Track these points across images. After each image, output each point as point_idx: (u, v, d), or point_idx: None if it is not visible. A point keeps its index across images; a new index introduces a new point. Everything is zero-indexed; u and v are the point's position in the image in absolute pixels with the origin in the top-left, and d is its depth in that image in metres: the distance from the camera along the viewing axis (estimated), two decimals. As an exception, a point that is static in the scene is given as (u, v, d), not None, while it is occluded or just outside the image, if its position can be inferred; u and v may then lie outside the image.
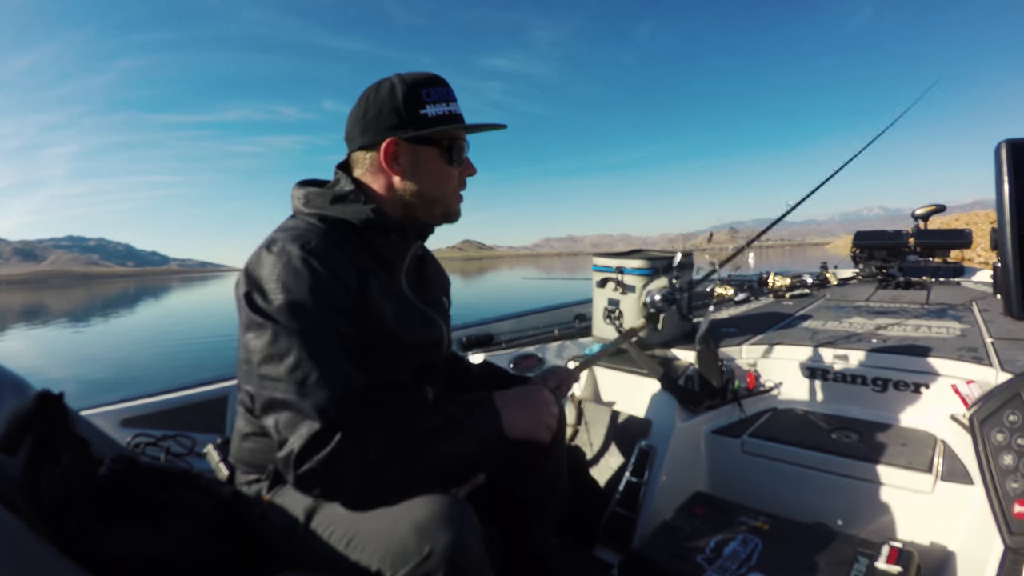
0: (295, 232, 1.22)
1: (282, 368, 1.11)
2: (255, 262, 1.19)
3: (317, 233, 1.23)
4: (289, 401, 1.10)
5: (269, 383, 1.12)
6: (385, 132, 1.30)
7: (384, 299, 1.29)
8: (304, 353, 1.12)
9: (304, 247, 1.18)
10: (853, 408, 2.21)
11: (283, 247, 1.18)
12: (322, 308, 1.15)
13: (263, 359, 1.12)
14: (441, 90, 1.33)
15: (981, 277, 4.61)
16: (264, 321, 1.13)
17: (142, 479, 1.24)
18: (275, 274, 1.15)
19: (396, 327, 1.31)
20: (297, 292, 1.14)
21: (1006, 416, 1.20)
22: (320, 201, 1.31)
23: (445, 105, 1.32)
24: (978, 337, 2.38)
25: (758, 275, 4.61)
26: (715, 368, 2.24)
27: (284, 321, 1.12)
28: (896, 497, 1.79)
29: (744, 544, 1.58)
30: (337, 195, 1.31)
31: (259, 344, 1.13)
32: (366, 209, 1.29)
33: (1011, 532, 1.14)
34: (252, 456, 1.32)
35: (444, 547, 1.00)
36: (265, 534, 1.27)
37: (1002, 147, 1.13)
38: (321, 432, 1.08)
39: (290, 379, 1.10)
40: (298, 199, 1.34)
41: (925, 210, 5.21)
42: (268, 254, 1.18)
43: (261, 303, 1.14)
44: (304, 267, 1.15)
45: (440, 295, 1.58)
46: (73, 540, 1.03)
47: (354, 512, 1.11)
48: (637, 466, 1.98)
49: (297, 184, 1.38)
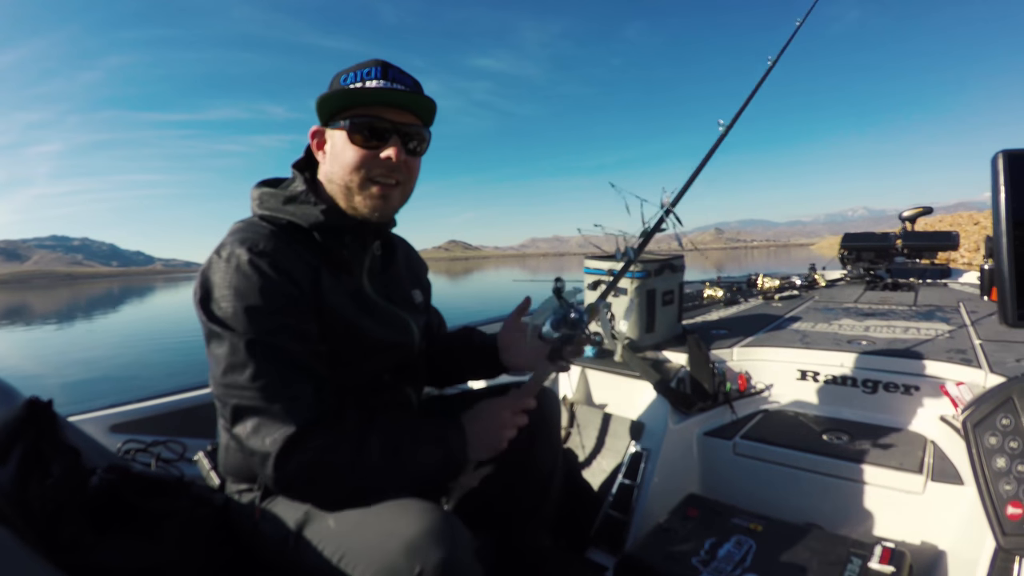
0: (243, 235, 1.20)
1: (245, 376, 1.10)
2: (208, 268, 1.18)
3: (264, 234, 1.21)
4: (258, 407, 1.10)
5: (235, 391, 1.11)
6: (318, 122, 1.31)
7: (341, 298, 1.27)
8: (265, 359, 1.11)
9: (252, 249, 1.16)
10: (844, 410, 2.23)
11: (231, 251, 1.16)
12: (277, 311, 1.15)
13: (226, 368, 1.11)
14: (362, 71, 1.25)
15: (968, 279, 4.66)
16: (221, 330, 1.12)
17: (134, 488, 1.23)
18: (226, 280, 1.14)
19: (358, 326, 1.29)
20: (250, 297, 1.12)
21: (999, 420, 1.21)
22: (273, 202, 1.28)
23: (359, 84, 1.25)
24: (966, 339, 2.40)
25: (747, 277, 4.63)
26: (706, 370, 2.25)
27: (241, 328, 1.11)
28: (887, 498, 1.80)
29: (738, 546, 1.58)
30: (289, 196, 1.29)
31: (220, 353, 1.12)
32: (316, 211, 1.26)
33: (1004, 533, 1.15)
34: (240, 468, 1.31)
35: (435, 565, 0.99)
36: (257, 545, 1.26)
37: (999, 157, 1.14)
38: (296, 435, 1.08)
39: (254, 386, 1.10)
40: (254, 200, 1.31)
41: (912, 212, 5.26)
42: (218, 259, 1.17)
43: (215, 311, 1.13)
44: (253, 271, 1.14)
45: (410, 291, 1.55)
46: (65, 552, 1.02)
47: (345, 527, 1.11)
48: (630, 468, 1.98)
49: (256, 185, 1.35)
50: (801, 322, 2.97)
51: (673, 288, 2.66)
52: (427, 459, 1.20)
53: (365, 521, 1.10)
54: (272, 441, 1.08)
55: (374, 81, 1.24)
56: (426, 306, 1.65)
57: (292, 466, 1.08)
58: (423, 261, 1.69)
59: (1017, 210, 1.13)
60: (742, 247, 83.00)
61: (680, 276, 2.72)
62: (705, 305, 3.84)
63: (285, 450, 1.08)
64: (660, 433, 2.04)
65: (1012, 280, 1.14)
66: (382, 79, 1.25)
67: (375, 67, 1.26)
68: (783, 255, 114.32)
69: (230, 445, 1.31)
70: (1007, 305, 1.16)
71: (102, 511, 1.15)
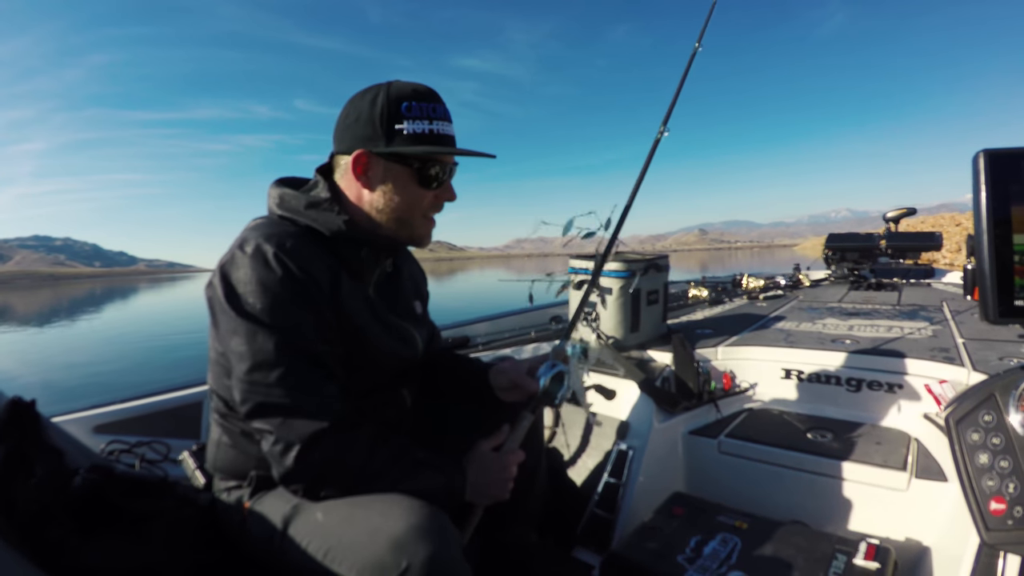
0: (268, 231, 1.19)
1: (273, 374, 1.11)
2: (230, 263, 1.17)
3: (291, 233, 1.21)
4: (284, 405, 1.10)
5: (261, 388, 1.11)
6: (357, 142, 1.26)
7: (357, 303, 1.28)
8: (291, 356, 1.12)
9: (280, 246, 1.16)
10: (828, 408, 2.24)
11: (257, 247, 1.15)
12: (302, 309, 1.15)
13: (252, 366, 1.12)
14: (426, 106, 1.25)
15: (951, 278, 4.71)
16: (249, 325, 1.12)
17: (119, 489, 1.22)
18: (253, 275, 1.13)
19: (370, 333, 1.30)
20: (279, 295, 1.13)
21: (981, 416, 1.23)
22: (294, 204, 1.28)
23: (427, 123, 1.25)
24: (950, 338, 2.42)
25: (731, 277, 4.66)
26: (691, 369, 2.26)
27: (268, 323, 1.12)
28: (872, 495, 1.82)
29: (724, 543, 1.59)
30: (312, 201, 1.27)
31: (245, 350, 1.12)
32: (338, 220, 1.25)
33: (988, 528, 1.17)
34: (232, 464, 1.30)
35: (422, 562, 0.99)
36: (245, 543, 1.26)
37: (980, 156, 1.16)
38: (324, 430, 1.10)
39: (283, 384, 1.11)
40: (273, 199, 1.31)
41: (896, 213, 5.32)
42: (242, 255, 1.16)
43: (243, 306, 1.13)
44: (281, 268, 1.14)
45: (413, 302, 1.55)
46: (50, 554, 1.01)
47: (332, 523, 1.12)
48: (615, 467, 1.99)
49: (274, 183, 1.34)
50: (785, 321, 3.00)
51: (658, 288, 2.67)
52: (428, 483, 1.21)
53: (353, 516, 1.10)
54: (300, 435, 1.09)
55: (442, 123, 1.27)
56: (425, 317, 1.65)
57: (313, 458, 1.10)
58: (423, 271, 1.69)
59: (997, 208, 1.15)
60: (726, 248, 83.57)
61: (665, 276, 2.74)
62: (690, 305, 3.86)
63: (310, 444, 1.10)
64: (645, 432, 2.04)
65: (993, 277, 1.16)
66: (447, 121, 1.29)
67: (439, 105, 1.28)
68: (767, 256, 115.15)
69: (222, 441, 1.31)
70: (988, 302, 1.17)
71: (86, 512, 1.14)
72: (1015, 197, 1.15)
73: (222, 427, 1.30)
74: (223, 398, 1.26)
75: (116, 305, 45.23)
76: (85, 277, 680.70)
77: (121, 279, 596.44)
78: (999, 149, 1.16)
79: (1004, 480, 1.19)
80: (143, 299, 56.35)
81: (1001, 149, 1.16)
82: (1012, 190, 1.15)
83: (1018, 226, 1.15)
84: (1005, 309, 1.16)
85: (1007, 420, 1.21)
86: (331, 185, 1.32)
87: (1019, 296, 1.16)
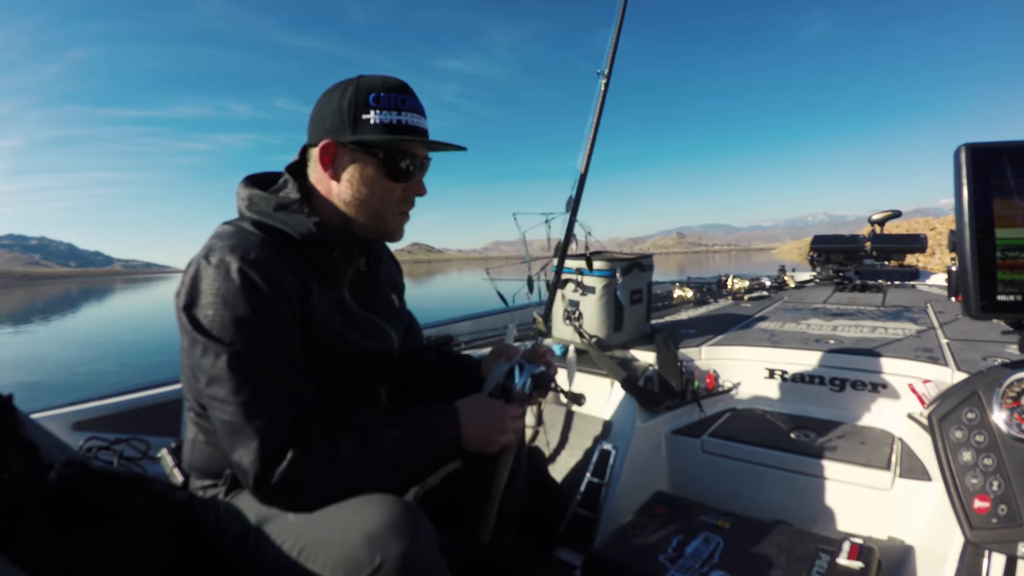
0: (233, 241, 1.16)
1: (227, 389, 1.08)
2: (194, 273, 1.14)
3: (256, 243, 1.17)
4: (237, 423, 1.08)
5: (218, 404, 1.10)
6: (325, 133, 1.24)
7: (329, 311, 1.26)
8: (248, 373, 1.10)
9: (244, 258, 1.13)
10: (811, 408, 2.25)
11: (222, 258, 1.13)
12: (264, 324, 1.12)
13: (209, 380, 1.10)
14: (395, 97, 1.23)
15: (936, 280, 4.76)
16: (207, 340, 1.10)
17: (94, 485, 1.19)
18: (214, 287, 1.11)
19: (344, 339, 1.28)
20: (238, 308, 1.10)
21: (964, 414, 1.22)
22: (263, 206, 1.24)
23: (395, 114, 1.23)
24: (933, 338, 2.44)
25: (717, 277, 4.68)
26: (674, 369, 2.25)
27: (226, 339, 1.09)
28: (856, 494, 1.81)
29: (706, 543, 1.58)
30: (281, 203, 1.24)
31: (205, 363, 1.10)
32: (308, 223, 1.22)
33: (972, 527, 1.16)
34: (207, 463, 1.28)
35: (396, 557, 0.98)
36: (219, 541, 1.24)
37: (961, 151, 1.16)
38: (272, 452, 1.07)
39: (236, 400, 1.08)
40: (242, 200, 1.27)
41: (881, 215, 5.37)
42: (207, 265, 1.13)
43: (201, 319, 1.11)
44: (244, 281, 1.11)
45: (390, 297, 1.53)
46: (22, 549, 0.99)
47: (306, 521, 1.10)
48: (598, 467, 1.97)
49: (243, 182, 1.31)
50: (769, 322, 3.00)
51: (641, 287, 2.67)
52: (413, 458, 1.19)
53: (326, 514, 1.09)
54: (252, 461, 1.06)
55: (412, 115, 1.25)
56: (402, 309, 1.62)
57: (274, 480, 1.07)
58: (398, 264, 1.66)
59: (979, 203, 1.15)
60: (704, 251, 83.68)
61: (648, 275, 2.74)
62: (675, 305, 3.87)
63: (265, 467, 1.07)
64: (628, 431, 2.03)
65: (975, 272, 1.16)
66: (418, 114, 1.26)
67: (408, 97, 1.25)
68: (744, 259, 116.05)
69: (197, 440, 1.28)
70: (970, 297, 1.17)
71: (60, 508, 1.11)
72: (997, 191, 1.15)
73: (198, 426, 1.28)
74: (200, 405, 1.23)
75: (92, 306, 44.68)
76: (60, 277, 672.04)
77: (97, 279, 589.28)
78: (981, 143, 1.16)
79: (988, 478, 1.18)
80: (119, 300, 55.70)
81: (983, 143, 1.16)
82: (994, 184, 1.15)
83: (1000, 220, 1.15)
84: (987, 304, 1.16)
85: (990, 418, 1.21)
86: (301, 184, 1.29)
87: (1001, 291, 1.15)
